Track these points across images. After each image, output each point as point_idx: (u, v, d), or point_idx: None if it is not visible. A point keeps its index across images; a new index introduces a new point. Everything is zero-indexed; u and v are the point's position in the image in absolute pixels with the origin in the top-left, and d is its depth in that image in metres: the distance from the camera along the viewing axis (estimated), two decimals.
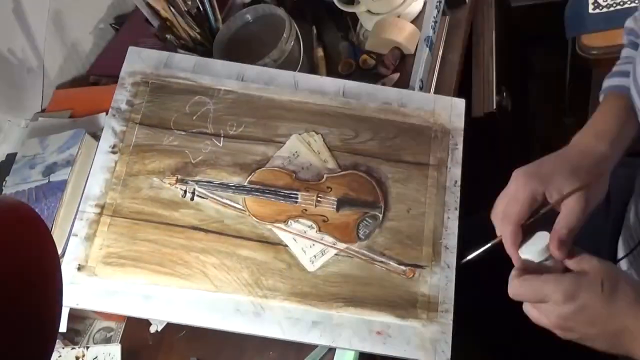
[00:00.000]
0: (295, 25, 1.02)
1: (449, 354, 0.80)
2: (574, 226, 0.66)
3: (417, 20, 1.10)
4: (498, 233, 0.71)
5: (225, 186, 0.90)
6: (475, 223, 0.74)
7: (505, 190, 0.72)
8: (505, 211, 0.69)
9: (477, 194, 0.94)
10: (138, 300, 0.84)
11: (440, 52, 1.09)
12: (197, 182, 0.90)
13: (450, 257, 0.86)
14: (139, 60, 0.97)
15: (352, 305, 0.84)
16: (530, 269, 0.67)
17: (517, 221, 0.68)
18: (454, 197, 0.90)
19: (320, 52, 1.10)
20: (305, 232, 0.88)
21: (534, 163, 0.73)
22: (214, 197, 0.89)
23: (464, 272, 0.85)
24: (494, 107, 1.19)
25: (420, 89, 1.02)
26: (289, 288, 0.84)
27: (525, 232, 0.69)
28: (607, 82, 0.81)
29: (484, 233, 0.73)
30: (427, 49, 1.05)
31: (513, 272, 0.67)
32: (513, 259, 0.69)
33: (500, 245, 0.72)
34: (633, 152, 0.83)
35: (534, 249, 0.68)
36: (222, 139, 0.93)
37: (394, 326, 0.83)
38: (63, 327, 0.86)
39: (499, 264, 0.81)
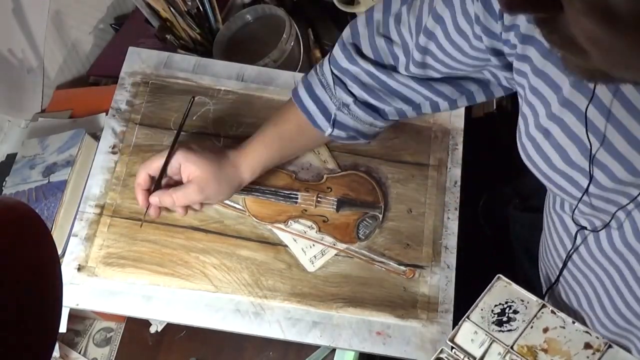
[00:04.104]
0: (295, 25, 1.02)
1: None
2: (179, 201, 0.81)
3: None
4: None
5: None
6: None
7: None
8: (147, 162, 0.83)
9: (476, 194, 0.95)
10: (138, 301, 0.84)
11: None
12: None
13: (450, 257, 0.86)
14: (139, 61, 0.97)
15: (352, 305, 0.84)
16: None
17: (145, 172, 0.82)
18: (454, 198, 0.90)
19: (317, 53, 1.10)
20: (305, 232, 0.88)
21: (200, 146, 0.84)
22: None
23: (464, 272, 0.85)
24: (494, 107, 1.19)
25: None
26: (289, 288, 0.84)
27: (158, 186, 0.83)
28: (301, 90, 0.82)
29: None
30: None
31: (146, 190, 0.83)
32: (139, 198, 0.83)
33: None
34: (531, 208, 0.91)
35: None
36: (222, 139, 0.93)
37: (394, 326, 0.83)
38: (63, 327, 0.86)
39: (498, 263, 0.82)
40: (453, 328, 0.78)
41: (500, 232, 1.04)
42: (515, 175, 1.09)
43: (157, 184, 0.82)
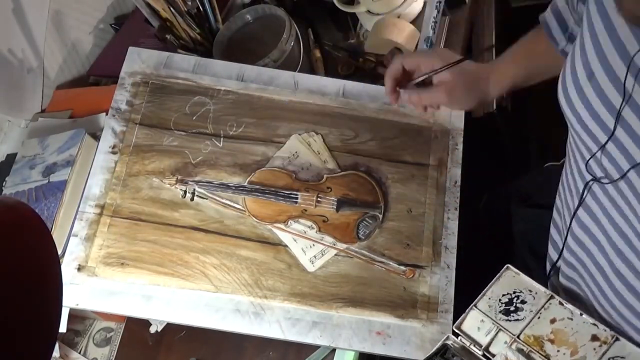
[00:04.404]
0: (295, 25, 1.02)
1: None
2: (426, 101, 0.88)
3: (417, 21, 1.10)
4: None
5: (225, 186, 0.90)
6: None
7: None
8: (399, 57, 0.89)
9: (476, 194, 0.95)
10: (138, 301, 0.84)
11: None
12: (197, 182, 0.90)
13: (450, 257, 0.86)
14: (139, 61, 0.97)
15: (352, 305, 0.84)
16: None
17: (395, 69, 0.88)
18: (453, 197, 0.90)
19: (317, 54, 1.10)
20: (305, 232, 0.88)
21: (453, 53, 0.89)
22: (214, 197, 0.89)
23: (464, 272, 0.85)
24: (494, 107, 1.19)
25: None
26: (289, 288, 0.84)
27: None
28: (547, 11, 0.85)
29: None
30: (427, 49, 1.05)
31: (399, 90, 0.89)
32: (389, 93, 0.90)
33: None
34: (535, 205, 0.95)
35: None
36: (222, 139, 0.93)
37: (394, 326, 0.83)
38: (63, 327, 0.86)
39: (499, 263, 0.82)
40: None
41: (501, 231, 1.04)
42: (515, 175, 1.09)
43: (413, 81, 0.87)
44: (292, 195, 0.90)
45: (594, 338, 0.70)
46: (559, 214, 0.84)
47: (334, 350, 0.84)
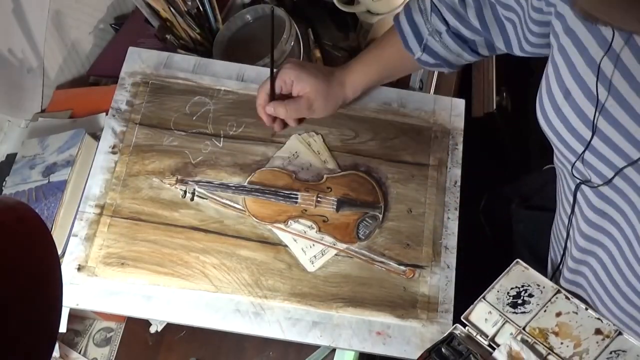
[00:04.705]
0: (295, 25, 1.02)
1: None
2: (291, 113, 0.88)
3: None
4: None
5: (225, 186, 0.90)
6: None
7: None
8: (263, 82, 0.89)
9: (476, 194, 0.95)
10: (138, 301, 0.84)
11: None
12: (197, 182, 0.90)
13: (450, 257, 0.86)
14: (139, 61, 0.97)
15: (352, 305, 0.84)
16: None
17: (264, 90, 0.88)
18: (453, 198, 0.90)
19: (317, 54, 1.10)
20: (305, 232, 0.88)
21: (308, 64, 0.93)
22: (214, 197, 0.89)
23: (464, 272, 0.85)
24: (494, 107, 1.19)
25: (420, 89, 1.02)
26: (289, 288, 0.84)
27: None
28: (401, 13, 0.88)
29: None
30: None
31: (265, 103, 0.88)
32: (261, 113, 0.90)
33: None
34: (534, 207, 0.96)
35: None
36: (222, 139, 0.93)
37: (394, 326, 0.83)
38: (63, 328, 0.86)
39: (499, 263, 0.82)
40: None
41: (501, 231, 1.04)
42: (515, 175, 1.09)
43: (271, 97, 0.88)
44: (292, 195, 0.90)
45: (598, 332, 0.72)
46: (558, 222, 0.84)
47: (334, 350, 0.84)
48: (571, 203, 0.74)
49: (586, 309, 0.73)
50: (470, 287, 0.80)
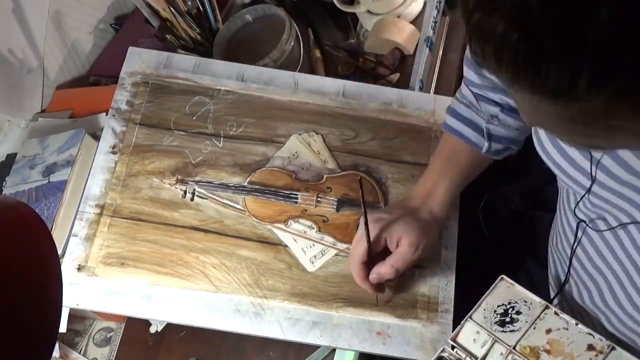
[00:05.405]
0: (295, 25, 1.02)
1: None
2: (399, 266, 0.78)
3: (417, 21, 1.10)
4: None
5: (225, 186, 0.90)
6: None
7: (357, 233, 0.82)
8: (352, 252, 0.80)
9: (476, 194, 0.94)
10: (138, 301, 0.84)
11: (440, 52, 1.09)
12: (197, 182, 0.90)
13: (450, 257, 0.86)
14: (139, 61, 0.97)
15: (352, 305, 0.84)
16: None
17: (359, 261, 0.79)
18: None
19: (317, 54, 1.10)
20: (305, 232, 0.88)
21: (384, 209, 0.86)
22: (214, 197, 0.89)
23: (464, 272, 0.85)
24: None
25: (420, 89, 1.02)
26: (289, 288, 0.84)
27: (371, 264, 0.79)
28: (448, 119, 0.86)
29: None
30: (427, 49, 1.05)
31: (363, 274, 0.79)
32: (364, 286, 0.80)
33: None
34: (534, 207, 0.94)
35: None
36: (222, 139, 0.93)
37: (394, 326, 0.82)
38: (63, 328, 0.86)
39: (499, 263, 0.81)
40: (453, 328, 0.79)
41: (501, 232, 1.04)
42: (515, 175, 1.09)
43: (369, 262, 0.79)
44: (292, 195, 0.90)
45: (590, 348, 0.69)
46: (557, 249, 0.84)
47: (334, 350, 0.84)
48: (573, 238, 0.73)
49: (577, 324, 0.71)
50: (470, 287, 0.80)
